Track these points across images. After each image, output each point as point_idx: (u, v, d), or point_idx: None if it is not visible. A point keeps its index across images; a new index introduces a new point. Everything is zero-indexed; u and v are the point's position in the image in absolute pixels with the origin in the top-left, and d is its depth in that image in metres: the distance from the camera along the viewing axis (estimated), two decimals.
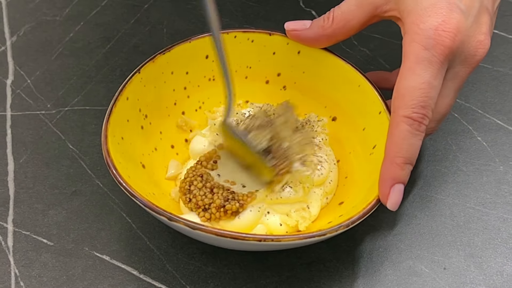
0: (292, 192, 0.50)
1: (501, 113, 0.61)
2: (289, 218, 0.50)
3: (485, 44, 0.49)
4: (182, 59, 0.56)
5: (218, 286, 0.50)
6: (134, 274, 0.51)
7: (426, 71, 0.47)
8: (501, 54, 0.66)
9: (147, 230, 0.53)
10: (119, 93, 0.52)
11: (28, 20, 0.70)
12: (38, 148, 0.58)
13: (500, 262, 0.51)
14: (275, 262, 0.51)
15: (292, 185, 0.51)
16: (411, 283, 0.50)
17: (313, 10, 0.70)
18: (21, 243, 0.52)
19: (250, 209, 0.50)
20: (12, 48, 0.67)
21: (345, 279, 0.50)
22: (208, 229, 0.45)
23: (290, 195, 0.50)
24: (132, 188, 0.47)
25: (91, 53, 0.66)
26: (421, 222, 0.54)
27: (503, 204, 0.55)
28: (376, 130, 0.53)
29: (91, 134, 0.59)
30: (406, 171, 0.49)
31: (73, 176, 0.57)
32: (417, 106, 0.47)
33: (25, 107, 0.62)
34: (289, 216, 0.51)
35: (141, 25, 0.69)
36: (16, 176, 0.56)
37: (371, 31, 0.67)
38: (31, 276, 0.51)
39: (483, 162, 0.57)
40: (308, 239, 0.45)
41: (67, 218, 0.54)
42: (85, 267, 0.51)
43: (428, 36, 0.47)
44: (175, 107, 0.57)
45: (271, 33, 0.57)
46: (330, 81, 0.57)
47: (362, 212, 0.47)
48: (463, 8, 0.48)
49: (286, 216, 0.51)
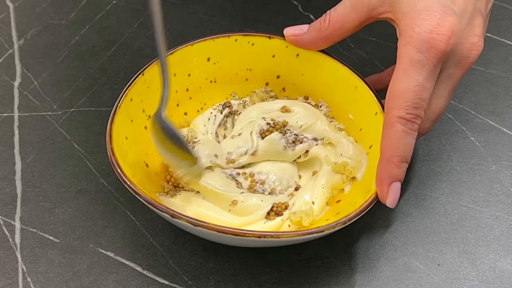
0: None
1: (493, 114, 0.61)
2: (294, 214, 0.50)
3: (478, 46, 0.49)
4: (184, 61, 0.56)
5: (219, 282, 0.50)
6: (138, 270, 0.51)
7: (420, 73, 0.47)
8: (494, 57, 0.66)
9: (150, 227, 0.53)
10: (123, 94, 0.52)
11: (35, 24, 0.70)
12: (45, 148, 0.59)
13: (493, 258, 0.51)
14: (275, 259, 0.51)
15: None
16: (406, 279, 0.50)
17: (311, 14, 0.70)
18: (28, 240, 0.52)
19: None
20: (19, 51, 0.67)
21: (342, 275, 0.50)
22: (209, 225, 0.45)
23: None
24: (136, 186, 0.47)
25: (96, 56, 0.66)
26: (416, 220, 0.54)
27: (495, 202, 0.55)
28: (373, 130, 0.53)
29: (96, 134, 0.59)
30: (403, 169, 0.49)
31: (79, 175, 0.57)
32: (410, 107, 0.47)
33: (32, 108, 0.62)
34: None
35: (144, 29, 0.69)
36: (23, 175, 0.57)
37: (368, 34, 0.67)
38: (38, 272, 0.51)
39: (476, 162, 0.57)
40: (306, 235, 0.46)
41: (73, 216, 0.54)
42: (90, 263, 0.51)
43: (422, 39, 0.47)
44: (177, 108, 0.57)
45: (271, 37, 0.57)
46: (328, 83, 0.57)
47: (359, 210, 0.47)
48: (457, 11, 0.48)
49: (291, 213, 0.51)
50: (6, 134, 0.59)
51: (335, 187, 0.53)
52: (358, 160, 0.53)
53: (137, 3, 0.72)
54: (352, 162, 0.52)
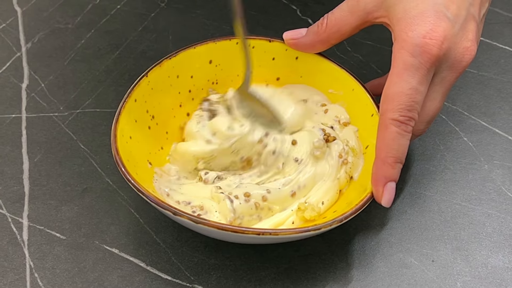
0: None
1: (485, 115, 0.61)
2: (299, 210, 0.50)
3: (471, 50, 0.49)
4: (187, 63, 0.56)
5: (221, 277, 0.50)
6: (142, 266, 0.51)
7: (413, 77, 0.47)
8: (486, 60, 0.66)
9: (153, 225, 0.53)
10: (128, 95, 0.52)
11: (42, 28, 0.70)
12: (52, 148, 0.59)
13: (485, 254, 0.51)
14: (274, 255, 0.51)
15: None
16: (401, 274, 0.50)
17: (310, 18, 0.70)
18: (36, 237, 0.52)
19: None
20: (27, 54, 0.67)
21: (340, 271, 0.50)
22: (209, 222, 0.45)
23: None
24: (139, 184, 0.47)
25: (101, 58, 0.66)
26: (410, 218, 0.54)
27: (487, 200, 0.55)
28: (369, 131, 0.53)
29: (101, 134, 0.59)
30: (397, 169, 0.49)
31: (84, 174, 0.57)
32: (404, 110, 0.48)
33: (39, 109, 0.62)
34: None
35: (148, 33, 0.69)
36: (31, 174, 0.57)
37: (364, 38, 0.67)
38: (45, 268, 0.51)
39: (469, 161, 0.57)
40: (304, 233, 0.46)
41: (78, 213, 0.54)
42: (96, 259, 0.51)
43: (416, 44, 0.47)
44: (180, 108, 0.57)
45: (271, 40, 0.57)
46: (326, 85, 0.57)
47: (355, 208, 0.47)
48: (450, 16, 0.48)
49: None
50: (14, 135, 0.60)
51: (342, 187, 0.53)
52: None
53: (141, 8, 0.72)
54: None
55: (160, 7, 0.72)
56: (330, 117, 0.56)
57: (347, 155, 0.53)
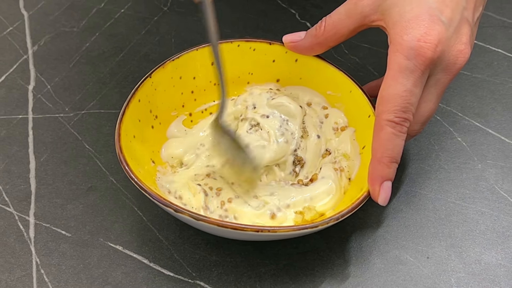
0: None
1: (479, 116, 0.61)
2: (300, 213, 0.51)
3: (465, 53, 0.49)
4: (190, 65, 0.57)
5: (221, 274, 0.50)
6: (145, 263, 0.51)
7: (408, 79, 0.47)
8: (479, 62, 0.66)
9: (156, 222, 0.53)
10: (132, 96, 0.52)
11: (48, 31, 0.70)
12: (57, 148, 0.59)
13: (479, 251, 0.52)
14: (273, 252, 0.51)
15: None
16: (397, 271, 0.50)
17: (308, 22, 0.70)
18: (42, 235, 0.53)
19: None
20: (33, 56, 0.67)
21: (337, 267, 0.51)
22: (210, 220, 0.45)
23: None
24: (142, 182, 0.47)
25: (105, 61, 0.67)
26: (406, 216, 0.54)
27: (481, 199, 0.55)
28: (365, 131, 0.53)
29: (106, 135, 0.59)
30: (393, 169, 0.49)
31: (89, 173, 0.57)
32: (399, 111, 0.48)
33: (45, 110, 0.62)
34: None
35: (151, 36, 0.69)
36: (37, 173, 0.57)
37: (361, 40, 0.67)
38: (50, 265, 0.51)
39: (463, 161, 0.58)
40: (302, 230, 0.46)
41: (83, 211, 0.54)
42: (100, 256, 0.51)
43: (410, 47, 0.47)
44: (182, 109, 0.57)
45: (271, 43, 0.57)
46: (324, 87, 0.57)
47: (352, 207, 0.47)
48: (444, 20, 0.48)
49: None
50: (21, 135, 0.60)
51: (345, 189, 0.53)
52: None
53: (144, 12, 0.72)
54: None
55: (163, 11, 0.72)
56: (329, 124, 0.56)
57: (340, 163, 0.53)
